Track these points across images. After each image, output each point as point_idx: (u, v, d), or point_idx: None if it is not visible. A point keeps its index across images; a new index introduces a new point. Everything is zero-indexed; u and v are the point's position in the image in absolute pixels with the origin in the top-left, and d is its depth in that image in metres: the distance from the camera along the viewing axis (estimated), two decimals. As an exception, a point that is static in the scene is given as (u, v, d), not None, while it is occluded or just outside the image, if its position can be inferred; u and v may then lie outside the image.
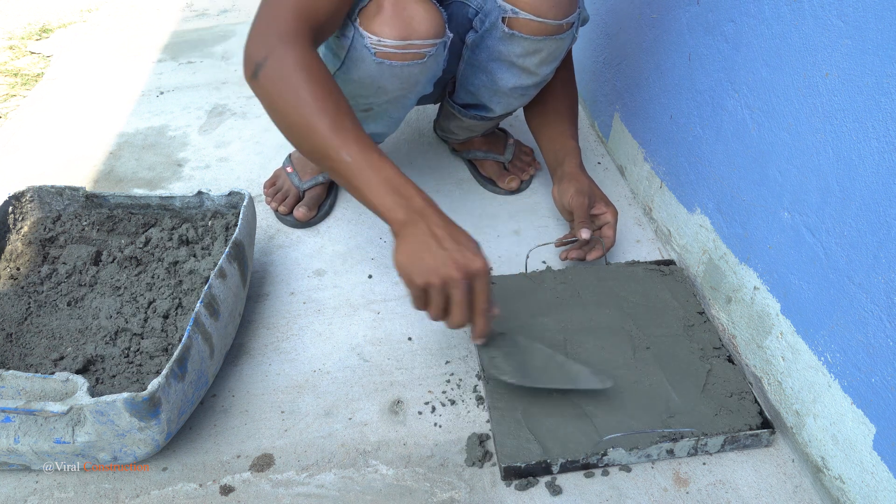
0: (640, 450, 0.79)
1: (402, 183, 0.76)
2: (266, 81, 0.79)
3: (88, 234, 1.03)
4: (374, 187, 0.75)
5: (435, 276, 0.73)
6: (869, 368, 0.67)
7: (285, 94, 0.78)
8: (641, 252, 1.14)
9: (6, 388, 0.73)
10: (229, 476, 0.81)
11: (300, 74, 0.78)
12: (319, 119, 0.76)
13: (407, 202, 0.75)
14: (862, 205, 0.67)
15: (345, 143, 0.76)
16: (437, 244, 0.73)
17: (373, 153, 0.76)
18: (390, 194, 0.75)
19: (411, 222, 0.75)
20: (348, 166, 0.75)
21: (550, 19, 0.93)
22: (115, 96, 1.66)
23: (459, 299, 0.74)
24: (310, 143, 0.78)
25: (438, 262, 0.73)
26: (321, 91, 0.78)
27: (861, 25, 0.64)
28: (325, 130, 0.76)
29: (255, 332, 1.00)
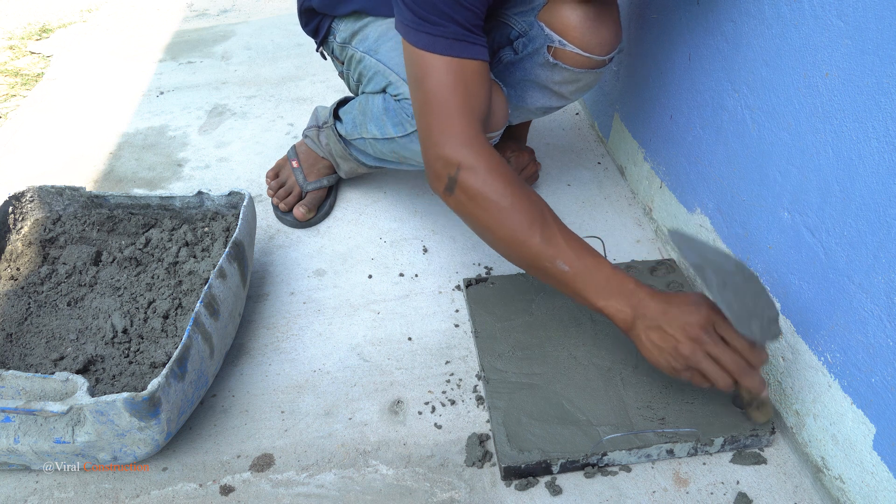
0: (640, 450, 0.79)
1: (619, 281, 0.77)
2: (464, 198, 0.79)
3: (88, 234, 1.03)
4: (596, 292, 0.76)
5: (685, 350, 0.72)
6: (869, 368, 0.67)
7: (486, 207, 0.77)
8: (641, 252, 1.14)
9: (6, 388, 0.73)
10: (229, 476, 0.81)
11: (497, 186, 0.77)
12: (529, 232, 0.76)
13: (628, 299, 0.76)
14: (862, 205, 0.67)
15: (559, 252, 0.76)
16: (664, 326, 0.73)
17: (587, 257, 0.77)
18: (612, 297, 0.76)
19: (639, 316, 0.75)
20: (566, 275, 0.77)
21: (597, 55, 0.93)
22: (115, 96, 1.66)
23: (718, 352, 0.72)
24: (521, 256, 0.79)
25: (675, 339, 0.72)
26: (522, 199, 0.77)
27: (861, 25, 0.64)
28: (538, 244, 0.76)
29: (255, 332, 1.00)
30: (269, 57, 1.84)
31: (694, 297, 0.75)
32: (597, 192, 1.28)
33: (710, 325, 0.72)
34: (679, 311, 0.73)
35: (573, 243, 0.77)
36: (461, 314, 1.02)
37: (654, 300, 0.75)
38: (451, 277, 1.09)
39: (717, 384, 0.73)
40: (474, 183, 0.77)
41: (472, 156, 0.77)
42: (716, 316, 0.73)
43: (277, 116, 1.55)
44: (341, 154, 1.13)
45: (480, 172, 0.77)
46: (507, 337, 0.93)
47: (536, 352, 0.90)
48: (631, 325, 0.76)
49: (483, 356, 0.91)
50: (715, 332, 0.73)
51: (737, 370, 0.72)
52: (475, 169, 0.77)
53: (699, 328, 0.72)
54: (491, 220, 0.78)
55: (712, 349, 0.72)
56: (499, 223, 0.78)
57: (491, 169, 0.77)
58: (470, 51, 0.79)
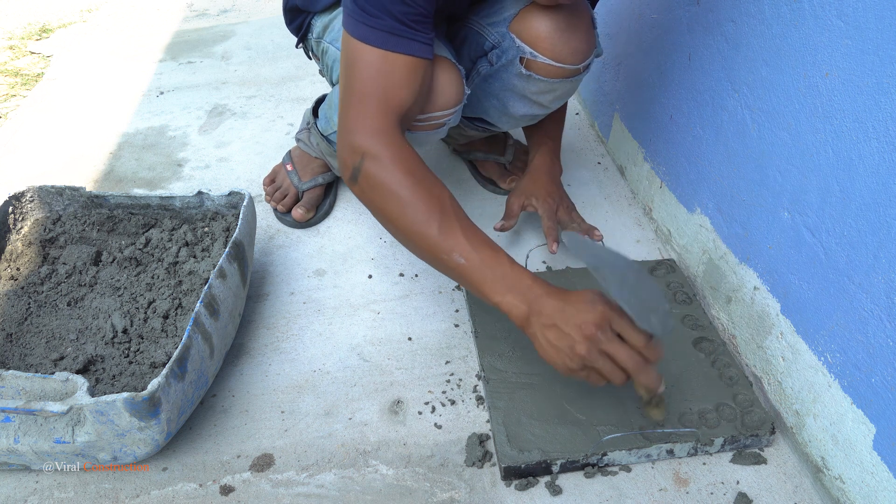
0: (640, 450, 0.79)
1: (516, 276, 0.76)
2: (366, 185, 0.79)
3: (88, 234, 1.03)
4: (492, 287, 0.76)
5: (581, 350, 0.71)
6: (869, 368, 0.67)
7: (387, 197, 0.78)
8: (641, 252, 1.14)
9: (6, 388, 0.73)
10: (229, 476, 0.81)
11: (399, 177, 0.77)
12: (427, 224, 0.76)
13: (523, 296, 0.75)
14: (862, 205, 0.67)
15: (456, 245, 0.76)
16: (560, 324, 0.72)
17: (484, 249, 0.76)
18: (508, 292, 0.75)
19: (534, 313, 0.74)
20: (463, 267, 0.76)
21: (569, 64, 0.93)
22: (115, 96, 1.66)
23: (615, 349, 0.71)
24: (420, 248, 0.79)
25: (571, 337, 0.71)
26: (422, 191, 0.77)
27: (861, 25, 0.64)
28: (434, 235, 0.76)
29: (255, 332, 1.00)
30: (269, 57, 1.84)
31: (589, 295, 0.73)
32: (597, 192, 1.28)
33: (605, 322, 0.71)
34: (575, 309, 0.72)
35: (472, 237, 0.77)
36: (461, 314, 1.02)
37: (550, 297, 0.74)
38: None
39: (613, 381, 0.72)
40: (376, 172, 0.77)
41: (378, 146, 0.78)
42: (611, 313, 0.72)
43: (277, 116, 1.55)
44: (329, 151, 1.13)
45: (384, 162, 0.77)
46: (507, 337, 0.93)
47: (536, 352, 0.90)
48: (526, 323, 0.75)
49: (483, 356, 0.91)
50: (611, 329, 0.71)
51: (633, 367, 0.71)
52: (379, 159, 0.77)
53: (595, 326, 0.71)
54: (391, 210, 0.78)
55: (608, 347, 0.71)
56: (398, 214, 0.77)
57: (395, 159, 0.77)
58: (402, 46, 0.79)
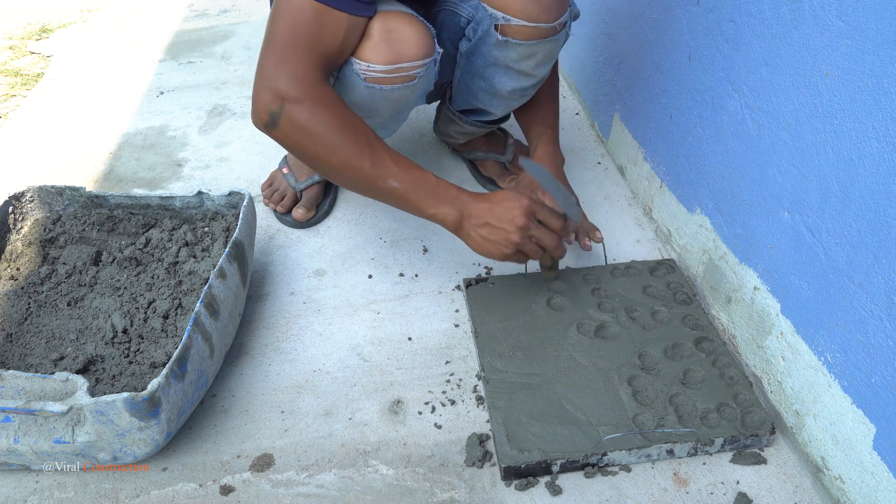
0: (640, 450, 0.79)
1: (442, 189, 0.87)
2: (289, 128, 0.81)
3: (88, 234, 1.03)
4: (425, 202, 0.86)
5: (510, 245, 0.86)
6: (869, 368, 0.67)
7: (314, 139, 0.81)
8: (641, 252, 1.14)
9: (6, 388, 0.73)
10: (229, 476, 0.81)
11: (324, 116, 0.81)
12: (359, 158, 0.82)
13: (452, 202, 0.86)
14: (862, 205, 0.67)
15: (388, 171, 0.84)
16: (491, 223, 0.86)
17: (413, 171, 0.85)
18: (440, 203, 0.86)
19: (464, 216, 0.87)
20: (398, 191, 0.85)
21: (542, 23, 0.92)
22: (115, 96, 1.66)
23: (540, 234, 0.88)
24: (355, 180, 0.85)
25: (505, 230, 0.85)
26: (350, 130, 0.81)
27: (861, 25, 0.64)
28: (368, 167, 0.83)
29: (255, 332, 1.00)
30: (269, 57, 1.84)
31: (511, 194, 0.87)
32: (597, 192, 1.28)
33: (531, 213, 0.87)
34: (502, 207, 0.86)
35: (400, 162, 0.85)
36: (461, 314, 1.02)
37: (477, 201, 0.87)
38: (451, 277, 1.09)
39: (533, 257, 0.90)
40: (299, 116, 0.80)
41: (300, 90, 0.80)
42: (534, 205, 0.87)
43: (277, 116, 1.54)
44: None
45: (306, 105, 0.80)
46: (507, 337, 0.93)
47: (536, 352, 0.90)
48: (459, 226, 0.87)
49: (483, 356, 0.91)
50: (535, 217, 0.87)
51: (552, 244, 0.89)
52: (301, 102, 0.80)
53: (525, 217, 0.86)
54: (320, 150, 0.82)
55: (535, 232, 0.87)
56: (329, 153, 0.82)
57: (317, 102, 0.80)
58: (339, 2, 0.81)
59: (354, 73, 0.88)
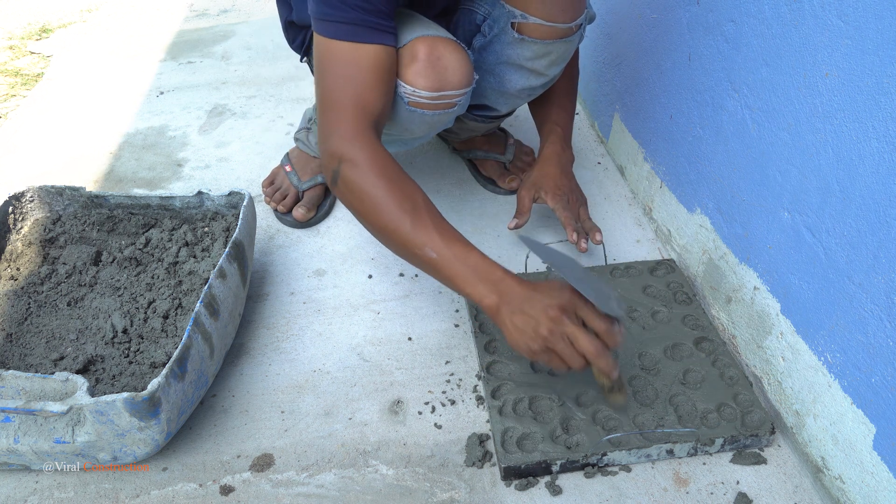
0: (640, 450, 0.79)
1: (487, 269, 0.80)
2: (344, 188, 0.83)
3: (88, 234, 1.03)
4: (463, 278, 0.79)
5: (538, 340, 0.75)
6: (869, 368, 0.67)
7: (363, 199, 0.82)
8: (641, 252, 1.14)
9: (6, 388, 0.73)
10: (229, 476, 0.81)
11: (373, 177, 0.81)
12: (400, 221, 0.81)
13: (494, 286, 0.79)
14: (862, 205, 0.67)
15: (429, 240, 0.80)
16: (526, 310, 0.76)
17: (456, 244, 0.80)
18: (479, 283, 0.79)
19: (504, 302, 0.78)
20: (435, 262, 0.80)
21: (560, 23, 0.92)
22: (114, 96, 1.66)
23: (574, 332, 0.74)
24: (394, 243, 0.83)
25: (535, 321, 0.75)
26: (397, 191, 0.81)
27: (861, 25, 0.64)
28: (407, 231, 0.81)
29: (255, 332, 1.00)
30: (269, 57, 1.84)
31: (556, 284, 0.78)
32: (597, 192, 1.28)
33: (570, 307, 0.75)
34: (542, 295, 0.76)
35: (444, 232, 0.81)
36: (461, 314, 1.02)
37: (519, 287, 0.78)
38: (451, 277, 1.09)
39: (572, 366, 0.75)
40: (353, 175, 0.82)
41: (354, 150, 0.82)
42: (576, 299, 0.76)
43: (277, 116, 1.55)
44: None
45: (359, 165, 0.82)
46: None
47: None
48: (497, 311, 0.78)
49: (483, 356, 0.91)
50: (575, 314, 0.75)
51: (592, 351, 0.74)
52: (355, 162, 0.82)
53: (559, 309, 0.74)
54: (367, 210, 0.83)
55: (569, 329, 0.74)
56: (374, 213, 0.82)
57: (370, 162, 0.82)
58: (370, 36, 0.82)
59: (398, 96, 0.89)
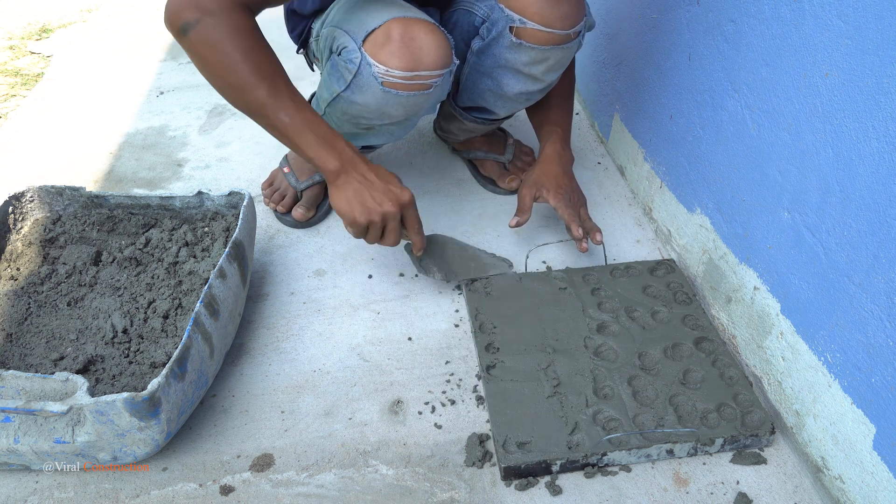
0: (640, 450, 0.79)
1: (333, 137, 0.86)
2: (198, 41, 0.81)
3: (88, 234, 1.03)
4: (311, 143, 0.85)
5: (375, 214, 0.87)
6: (869, 368, 0.67)
7: (220, 56, 0.81)
8: (641, 252, 1.14)
9: (6, 388, 0.73)
10: (229, 476, 0.81)
11: (237, 39, 0.81)
12: (258, 84, 0.82)
13: (339, 154, 0.86)
14: (862, 205, 0.67)
15: (282, 105, 0.83)
16: (369, 187, 0.87)
17: (307, 112, 0.85)
18: (325, 148, 0.85)
19: (344, 171, 0.87)
20: (286, 125, 0.84)
21: (558, 29, 0.92)
22: (115, 96, 1.66)
23: (394, 227, 0.90)
24: (247, 103, 0.84)
25: (375, 202, 0.87)
26: (258, 55, 0.82)
27: (861, 25, 0.64)
28: (264, 95, 0.82)
29: (255, 332, 1.00)
30: (269, 57, 1.84)
31: (396, 179, 0.89)
32: (597, 192, 1.28)
33: (408, 205, 0.90)
34: (390, 183, 0.88)
35: (297, 101, 0.84)
36: (461, 314, 1.02)
37: (363, 163, 0.88)
38: (451, 277, 1.09)
39: (386, 242, 0.92)
40: (214, 30, 0.80)
41: (220, 8, 0.80)
42: (411, 203, 0.90)
43: (277, 116, 1.54)
44: None
45: (223, 22, 0.80)
46: (507, 337, 0.93)
47: (536, 351, 0.90)
48: (336, 176, 0.87)
49: (483, 356, 0.91)
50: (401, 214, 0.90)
51: (389, 242, 0.92)
52: (219, 18, 0.80)
53: (398, 206, 0.88)
54: (221, 68, 0.82)
55: (392, 224, 0.89)
56: (229, 72, 0.82)
57: (237, 26, 0.81)
58: None
59: (372, 76, 0.88)
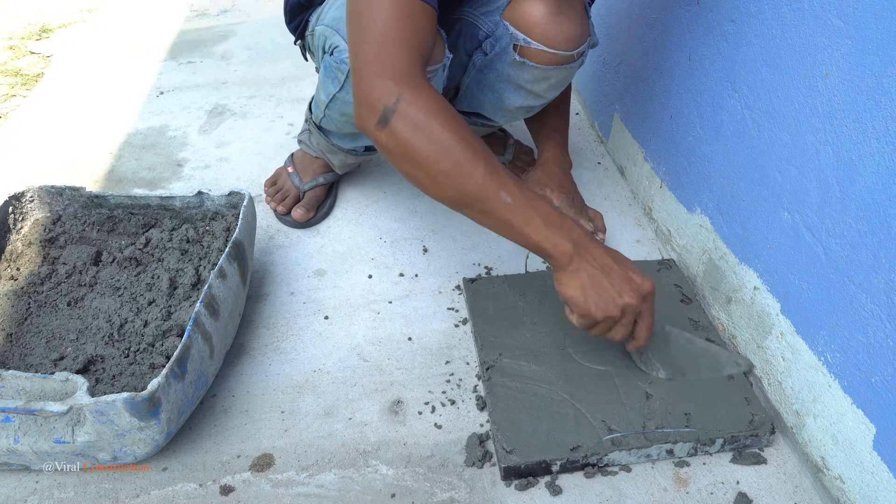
0: (640, 450, 0.79)
1: (560, 217, 0.76)
2: (402, 129, 0.73)
3: (88, 234, 1.03)
4: (538, 225, 0.75)
5: (614, 308, 0.76)
6: (869, 368, 0.67)
7: (427, 141, 0.73)
8: (641, 252, 1.14)
9: (6, 388, 0.73)
10: (229, 476, 0.81)
11: (441, 118, 0.73)
12: (474, 164, 0.73)
13: (570, 234, 0.76)
14: (862, 205, 0.67)
15: (503, 185, 0.74)
16: (607, 274, 0.76)
17: (528, 191, 0.76)
18: (553, 229, 0.75)
19: (578, 254, 0.75)
20: (509, 207, 0.74)
21: (562, 51, 0.92)
22: (115, 96, 1.66)
23: (629, 321, 0.78)
24: (462, 189, 0.75)
25: (615, 291, 0.75)
26: (466, 133, 0.74)
27: (861, 25, 0.64)
28: (482, 174, 0.73)
29: (255, 332, 1.00)
30: (269, 57, 1.84)
31: (635, 267, 0.78)
32: (597, 192, 1.28)
33: (649, 296, 0.78)
34: (626, 268, 0.77)
35: (516, 180, 0.76)
36: (461, 314, 1.02)
37: (598, 245, 0.77)
38: (451, 277, 1.09)
39: (620, 337, 0.79)
40: (416, 114, 0.72)
41: (414, 87, 0.73)
42: (652, 294, 0.78)
43: (277, 116, 1.55)
44: (327, 147, 1.13)
45: (422, 103, 0.72)
46: (507, 337, 0.93)
47: (536, 352, 0.90)
48: (569, 261, 0.76)
49: (483, 356, 0.91)
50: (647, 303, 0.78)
51: (643, 340, 0.81)
52: (416, 100, 0.72)
53: (643, 295, 0.77)
54: (433, 152, 0.73)
55: (646, 312, 0.78)
56: (442, 155, 0.73)
57: (433, 101, 0.73)
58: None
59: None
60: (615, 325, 0.78)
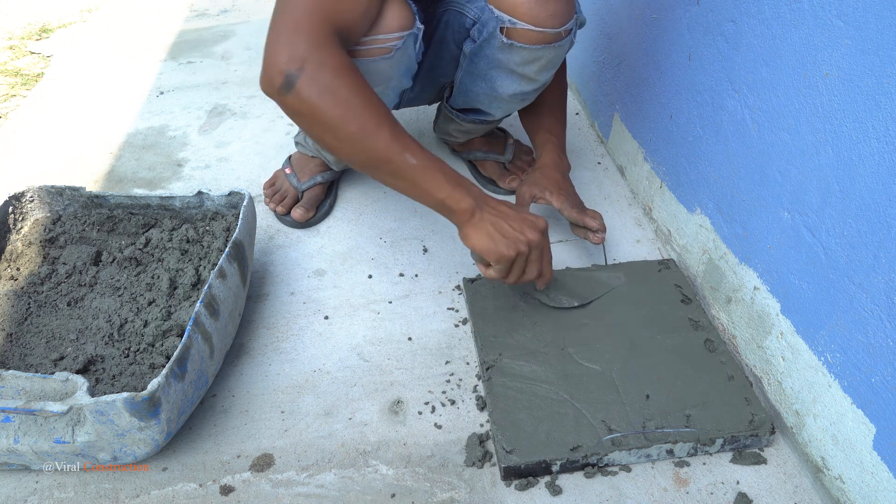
0: (640, 450, 0.79)
1: (459, 176, 0.84)
2: (307, 93, 0.76)
3: (88, 234, 1.03)
4: (441, 183, 0.81)
5: (521, 244, 0.83)
6: (869, 368, 0.67)
7: (334, 104, 0.76)
8: (641, 252, 1.14)
9: (6, 388, 0.73)
10: (229, 476, 0.81)
11: (347, 81, 0.76)
12: (378, 128, 0.77)
13: (469, 191, 0.83)
14: (862, 205, 0.67)
15: (407, 147, 0.79)
16: (505, 218, 0.84)
17: (429, 153, 0.82)
18: (455, 188, 0.82)
19: (478, 207, 0.83)
20: (414, 168, 0.80)
21: (549, 28, 0.92)
22: (115, 96, 1.66)
23: (538, 256, 0.86)
24: (368, 151, 0.79)
25: (517, 231, 0.83)
26: (372, 98, 0.78)
27: (861, 25, 0.64)
28: (387, 137, 0.78)
29: (255, 332, 1.00)
30: (269, 57, 1.84)
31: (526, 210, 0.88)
32: (597, 192, 1.28)
33: (546, 233, 0.86)
34: (525, 214, 0.85)
35: (417, 142, 0.81)
36: (461, 314, 1.02)
37: (491, 198, 0.85)
38: (451, 277, 1.09)
39: (531, 274, 0.87)
40: (321, 78, 0.75)
41: (323, 54, 0.76)
42: (547, 234, 0.87)
43: (277, 116, 1.55)
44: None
45: (328, 68, 0.75)
46: (507, 337, 0.93)
47: (536, 352, 0.91)
48: (471, 214, 0.82)
49: (483, 356, 0.91)
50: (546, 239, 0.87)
51: (542, 274, 0.88)
52: (323, 64, 0.75)
53: (541, 233, 0.85)
54: (338, 116, 0.76)
55: (546, 247, 0.87)
56: (347, 119, 0.76)
57: (341, 68, 0.76)
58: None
59: None
60: (528, 265, 0.85)
